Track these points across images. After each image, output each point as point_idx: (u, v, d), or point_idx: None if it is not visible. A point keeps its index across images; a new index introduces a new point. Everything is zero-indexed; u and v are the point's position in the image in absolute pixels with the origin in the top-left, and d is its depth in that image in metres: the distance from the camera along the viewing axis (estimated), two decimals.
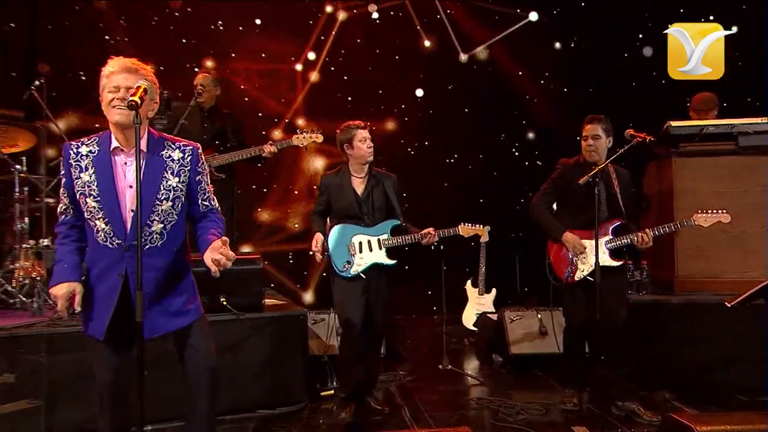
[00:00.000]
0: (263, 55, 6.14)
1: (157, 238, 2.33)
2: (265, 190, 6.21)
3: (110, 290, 2.31)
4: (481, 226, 3.72)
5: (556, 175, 3.71)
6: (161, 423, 3.28)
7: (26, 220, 4.04)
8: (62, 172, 2.38)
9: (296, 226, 6.11)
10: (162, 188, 2.31)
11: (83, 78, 5.38)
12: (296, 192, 6.25)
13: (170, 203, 2.34)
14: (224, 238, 2.32)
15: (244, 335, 3.74)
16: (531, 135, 6.70)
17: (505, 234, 5.60)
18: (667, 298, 4.11)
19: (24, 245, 3.89)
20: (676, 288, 4.14)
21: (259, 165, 4.69)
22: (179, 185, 2.35)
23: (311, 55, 6.20)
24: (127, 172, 2.30)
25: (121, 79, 2.22)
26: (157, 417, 3.23)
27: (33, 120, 4.28)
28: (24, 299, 3.73)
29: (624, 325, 3.58)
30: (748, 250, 4.00)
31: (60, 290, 2.28)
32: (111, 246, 2.29)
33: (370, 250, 3.61)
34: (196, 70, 5.47)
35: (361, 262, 3.58)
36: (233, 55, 6.04)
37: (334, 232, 3.66)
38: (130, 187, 2.26)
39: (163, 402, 3.14)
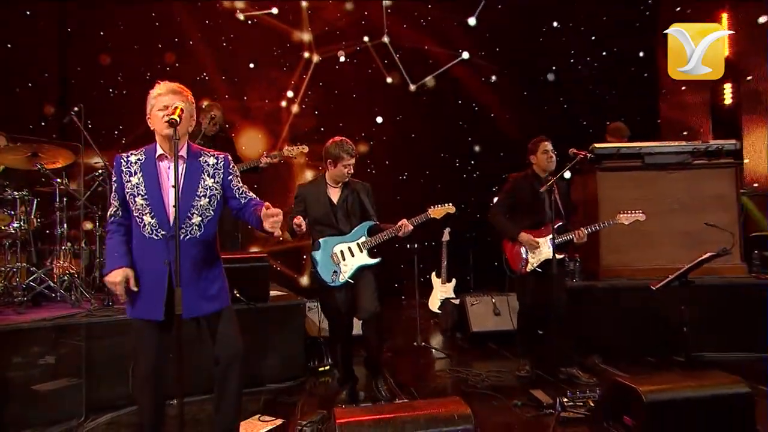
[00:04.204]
0: (245, 97, 6.99)
1: (196, 230, 2.53)
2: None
3: (159, 276, 2.45)
4: (449, 204, 3.74)
5: (509, 188, 4.19)
6: (191, 396, 3.53)
7: (65, 225, 4.37)
8: (114, 179, 2.54)
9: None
10: (200, 187, 2.55)
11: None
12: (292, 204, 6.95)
13: (207, 200, 2.56)
14: (266, 203, 2.44)
15: (254, 322, 3.98)
16: (477, 148, 7.52)
17: (460, 236, 6.27)
18: (593, 284, 4.74)
19: (63, 247, 4.22)
20: (601, 275, 4.76)
21: (258, 172, 5.02)
22: (214, 185, 2.59)
23: (290, 93, 7.15)
24: (170, 174, 2.48)
25: (168, 99, 2.44)
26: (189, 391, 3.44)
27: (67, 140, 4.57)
28: (64, 293, 4.04)
29: (565, 306, 4.06)
30: (653, 244, 4.56)
31: (116, 276, 2.40)
32: (156, 237, 2.47)
33: (353, 255, 3.63)
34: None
35: (346, 269, 3.60)
36: (226, 96, 6.75)
37: (318, 249, 3.65)
38: (173, 186, 2.38)
39: (195, 378, 3.38)
